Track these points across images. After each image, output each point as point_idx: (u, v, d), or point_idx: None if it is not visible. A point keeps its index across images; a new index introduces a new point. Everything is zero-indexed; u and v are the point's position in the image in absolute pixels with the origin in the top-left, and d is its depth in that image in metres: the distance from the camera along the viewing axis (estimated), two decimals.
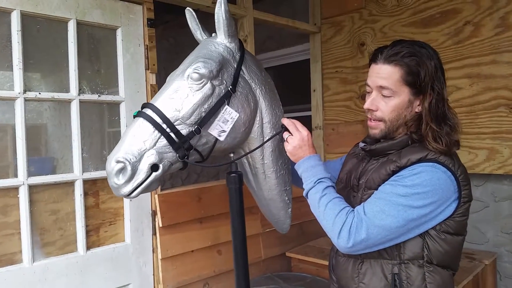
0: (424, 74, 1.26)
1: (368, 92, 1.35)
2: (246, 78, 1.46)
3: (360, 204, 1.28)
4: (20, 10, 1.72)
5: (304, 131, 1.39)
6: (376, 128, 1.34)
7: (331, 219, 1.24)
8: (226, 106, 1.37)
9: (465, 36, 2.45)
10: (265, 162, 1.55)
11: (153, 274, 2.12)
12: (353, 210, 1.25)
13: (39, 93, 1.79)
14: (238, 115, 1.39)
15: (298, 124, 1.42)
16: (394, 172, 1.27)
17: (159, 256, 2.08)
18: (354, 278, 1.35)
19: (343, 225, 1.21)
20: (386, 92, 1.28)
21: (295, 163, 1.41)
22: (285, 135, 1.41)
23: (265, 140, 1.50)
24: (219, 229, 2.30)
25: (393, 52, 1.28)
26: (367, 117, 1.37)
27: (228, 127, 1.38)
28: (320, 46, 3.19)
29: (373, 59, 1.33)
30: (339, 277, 1.43)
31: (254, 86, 1.47)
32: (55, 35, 1.87)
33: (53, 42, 1.88)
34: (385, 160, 1.33)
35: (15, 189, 1.73)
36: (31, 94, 1.76)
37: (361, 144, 1.47)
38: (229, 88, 1.37)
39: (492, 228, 2.56)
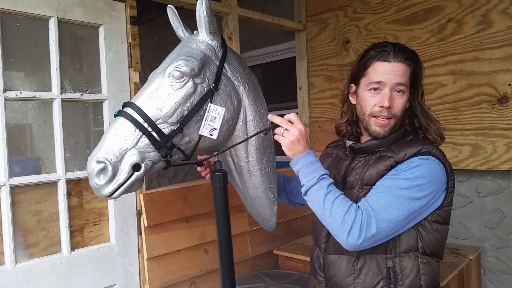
0: (421, 75, 1.40)
1: (375, 90, 1.36)
2: (229, 75, 1.45)
3: (360, 201, 1.30)
4: None
5: (301, 125, 1.33)
6: (387, 126, 1.37)
7: (340, 216, 1.23)
8: (210, 103, 1.36)
9: (448, 33, 2.48)
10: (250, 160, 1.55)
11: (139, 274, 2.10)
12: (359, 207, 1.25)
13: (20, 92, 1.76)
14: (224, 109, 1.38)
15: (294, 118, 1.34)
16: (392, 167, 1.32)
17: (145, 256, 2.07)
18: (350, 275, 1.36)
19: (354, 222, 1.21)
20: (401, 88, 1.35)
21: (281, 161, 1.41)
22: (280, 129, 1.34)
23: (250, 135, 1.49)
24: (205, 228, 2.29)
25: (404, 52, 1.35)
26: (377, 116, 1.37)
27: (218, 124, 1.37)
28: (305, 43, 3.20)
29: (382, 57, 1.35)
30: (331, 276, 1.42)
31: (237, 84, 1.46)
32: (35, 33, 1.84)
33: (33, 40, 1.85)
34: (377, 156, 1.38)
35: None
36: (11, 93, 1.73)
37: (349, 142, 1.50)
38: (211, 86, 1.36)
39: (476, 223, 2.60)
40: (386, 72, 1.34)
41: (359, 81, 1.43)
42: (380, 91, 1.35)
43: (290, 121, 1.33)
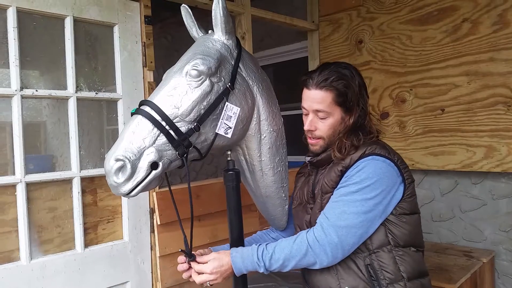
0: (351, 94, 1.41)
1: (305, 114, 1.48)
2: (244, 75, 1.45)
3: (320, 211, 1.40)
4: (16, 7, 1.70)
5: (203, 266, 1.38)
6: (316, 145, 1.49)
7: (301, 255, 1.31)
8: (227, 102, 1.36)
9: (462, 34, 2.45)
10: (263, 159, 1.55)
11: (151, 272, 2.12)
12: (308, 231, 1.34)
13: (36, 90, 1.78)
14: (239, 109, 1.39)
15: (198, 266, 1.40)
16: (341, 172, 1.39)
17: (157, 254, 2.08)
18: (334, 275, 1.40)
19: (312, 247, 1.30)
20: (321, 114, 1.43)
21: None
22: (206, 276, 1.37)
23: None
24: (217, 227, 2.30)
25: (323, 78, 1.40)
26: (307, 136, 1.50)
27: (233, 123, 1.39)
28: (318, 43, 3.19)
29: (305, 85, 1.45)
30: (316, 279, 1.47)
31: (251, 84, 1.47)
32: (51, 32, 1.86)
33: (50, 39, 1.87)
34: (330, 165, 1.46)
35: (13, 186, 1.72)
36: (28, 92, 1.75)
37: (307, 158, 1.57)
38: (227, 85, 1.37)
39: (490, 226, 2.57)
40: (308, 99, 1.45)
41: None
42: (307, 115, 1.47)
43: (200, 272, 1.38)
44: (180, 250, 1.44)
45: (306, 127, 1.47)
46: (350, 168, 1.38)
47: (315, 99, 1.42)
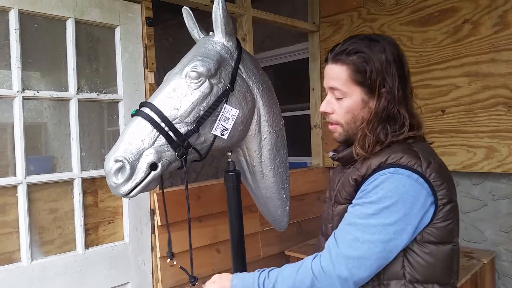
0: (370, 70, 1.14)
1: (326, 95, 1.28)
2: (244, 76, 1.46)
3: (331, 224, 1.22)
4: (18, 9, 1.71)
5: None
6: (335, 132, 1.25)
7: (305, 286, 1.11)
8: (225, 104, 1.37)
9: (463, 35, 2.45)
10: (263, 160, 1.56)
11: (152, 273, 2.12)
12: (314, 257, 1.13)
13: (38, 92, 1.79)
14: (238, 111, 1.40)
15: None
16: (356, 182, 1.14)
17: (158, 255, 2.08)
18: None
19: (317, 278, 1.09)
20: (337, 93, 1.19)
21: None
22: None
23: None
24: (218, 228, 2.30)
25: (339, 50, 1.18)
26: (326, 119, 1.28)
27: (230, 125, 1.39)
28: (319, 45, 3.19)
29: (325, 60, 1.24)
30: None
31: (251, 85, 1.48)
32: (53, 33, 1.87)
33: (51, 41, 1.88)
34: (350, 170, 1.22)
35: (14, 187, 1.73)
36: (29, 93, 1.76)
37: (330, 154, 1.34)
38: (227, 87, 1.37)
39: (491, 227, 2.57)
40: (326, 76, 1.23)
41: None
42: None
43: None
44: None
45: (321, 108, 1.24)
46: (366, 179, 1.11)
47: (330, 75, 1.19)
